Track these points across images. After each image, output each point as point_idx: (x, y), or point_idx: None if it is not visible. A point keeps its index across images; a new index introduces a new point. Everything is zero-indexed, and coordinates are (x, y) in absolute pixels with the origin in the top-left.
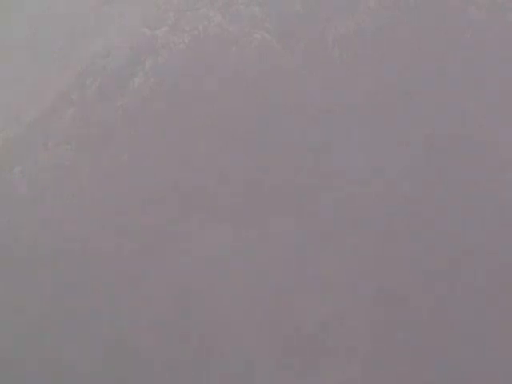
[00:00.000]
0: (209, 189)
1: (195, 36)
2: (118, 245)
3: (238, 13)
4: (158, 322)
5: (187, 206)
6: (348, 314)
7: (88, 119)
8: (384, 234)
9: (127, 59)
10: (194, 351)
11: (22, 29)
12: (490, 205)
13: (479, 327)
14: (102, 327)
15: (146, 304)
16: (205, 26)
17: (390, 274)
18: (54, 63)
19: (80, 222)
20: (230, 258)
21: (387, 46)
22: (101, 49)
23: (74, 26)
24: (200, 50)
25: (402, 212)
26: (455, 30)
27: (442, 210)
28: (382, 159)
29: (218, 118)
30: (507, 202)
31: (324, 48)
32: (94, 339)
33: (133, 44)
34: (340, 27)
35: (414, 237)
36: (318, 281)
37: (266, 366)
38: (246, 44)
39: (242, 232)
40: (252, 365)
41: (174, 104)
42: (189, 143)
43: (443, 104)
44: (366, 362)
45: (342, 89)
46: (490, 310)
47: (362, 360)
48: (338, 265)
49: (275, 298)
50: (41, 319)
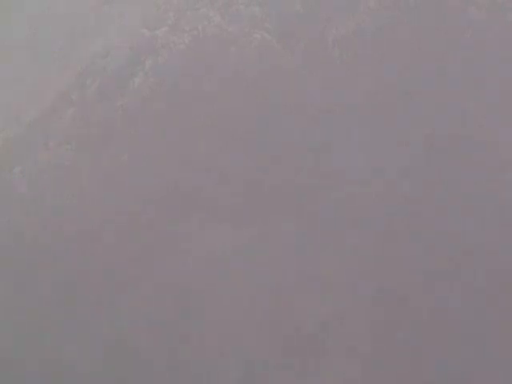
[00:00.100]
0: (209, 189)
1: (195, 36)
2: (118, 245)
3: (238, 13)
4: (158, 322)
5: (187, 206)
6: (348, 314)
7: (88, 119)
8: (384, 233)
9: (127, 59)
10: (194, 351)
11: (22, 29)
12: (489, 205)
13: (479, 327)
14: (102, 327)
15: (146, 304)
16: (205, 26)
17: (390, 274)
18: (54, 63)
19: (80, 222)
20: (230, 257)
21: (387, 46)
22: (101, 49)
23: (73, 26)
24: (200, 50)
25: (402, 212)
26: (455, 29)
27: (441, 210)
28: (382, 159)
29: (218, 118)
30: (507, 201)
31: (324, 48)
32: (93, 339)
33: (133, 44)
34: (340, 27)
35: (414, 237)
36: (318, 281)
37: (266, 365)
38: (246, 44)
39: (242, 232)
40: (252, 365)
41: (174, 104)
42: (189, 143)
43: (443, 104)
44: (366, 362)
45: (342, 89)
46: (489, 309)
47: (362, 360)
48: (338, 265)
49: (275, 298)
50: (41, 319)
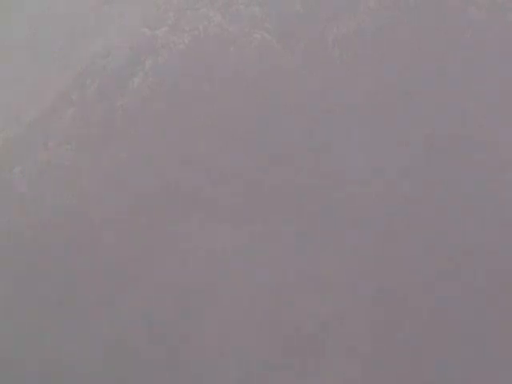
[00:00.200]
0: (209, 189)
1: (195, 36)
2: (118, 245)
3: (238, 13)
4: (158, 322)
5: (187, 206)
6: (348, 314)
7: (88, 119)
8: (384, 233)
9: (127, 59)
10: (194, 351)
11: (22, 29)
12: (490, 205)
13: (479, 327)
14: (102, 327)
15: (146, 304)
16: (205, 26)
17: (390, 274)
18: (54, 63)
19: (80, 222)
20: (229, 257)
21: (387, 46)
22: (101, 49)
23: (74, 26)
24: (200, 50)
25: (402, 212)
26: (455, 29)
27: (441, 210)
28: (382, 159)
29: (218, 118)
30: (507, 201)
31: (324, 48)
32: (93, 339)
33: (133, 44)
34: (340, 27)
35: (414, 237)
36: (318, 281)
37: (266, 365)
38: (246, 44)
39: (242, 232)
40: (252, 365)
41: (173, 104)
42: (189, 143)
43: (443, 104)
44: (366, 362)
45: (342, 89)
46: (489, 309)
47: (362, 360)
48: (338, 265)
49: (275, 298)
50: (41, 319)
